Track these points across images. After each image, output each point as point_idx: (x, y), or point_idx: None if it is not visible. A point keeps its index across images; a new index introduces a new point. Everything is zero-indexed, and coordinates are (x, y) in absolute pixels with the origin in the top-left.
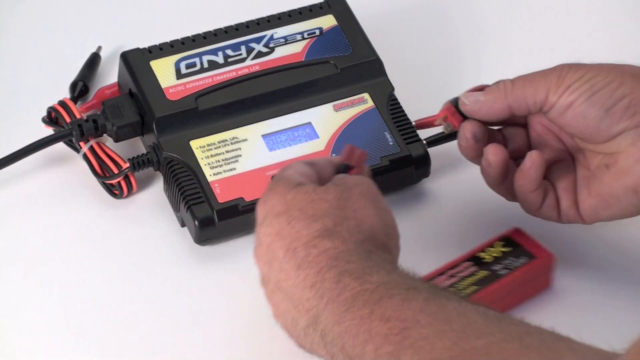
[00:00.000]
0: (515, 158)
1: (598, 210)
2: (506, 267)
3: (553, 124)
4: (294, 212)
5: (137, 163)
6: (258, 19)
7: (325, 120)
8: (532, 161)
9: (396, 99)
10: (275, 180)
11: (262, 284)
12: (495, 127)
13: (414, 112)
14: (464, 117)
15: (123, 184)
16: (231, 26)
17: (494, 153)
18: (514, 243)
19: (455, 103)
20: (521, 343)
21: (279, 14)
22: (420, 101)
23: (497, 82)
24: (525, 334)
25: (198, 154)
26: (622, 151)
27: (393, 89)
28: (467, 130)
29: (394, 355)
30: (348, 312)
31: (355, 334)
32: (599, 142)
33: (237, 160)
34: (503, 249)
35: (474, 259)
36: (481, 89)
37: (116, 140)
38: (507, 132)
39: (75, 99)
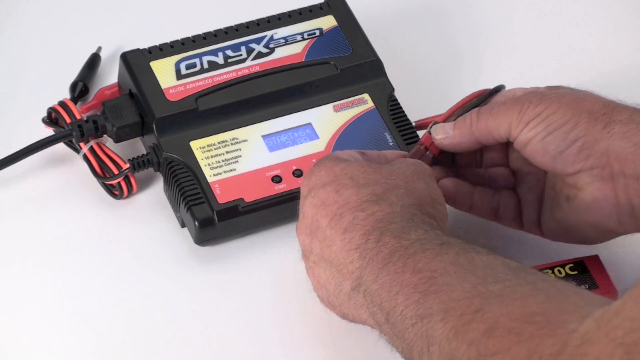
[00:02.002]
0: (491, 166)
1: (559, 233)
2: None
3: None
4: (344, 181)
5: (137, 164)
6: (258, 20)
7: (326, 121)
8: (448, 189)
9: (396, 100)
10: (320, 159)
11: (302, 258)
12: None
13: (414, 112)
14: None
15: (123, 184)
16: (231, 27)
17: (444, 186)
18: (584, 268)
19: None
20: (533, 286)
21: (278, 14)
22: (420, 101)
23: (466, 115)
24: (540, 281)
25: (198, 154)
26: (581, 188)
27: (393, 89)
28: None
29: (420, 302)
30: (384, 268)
31: (389, 288)
32: (561, 175)
33: (237, 161)
34: (570, 272)
35: None
36: (456, 109)
37: (116, 140)
38: (484, 148)
39: (75, 99)
